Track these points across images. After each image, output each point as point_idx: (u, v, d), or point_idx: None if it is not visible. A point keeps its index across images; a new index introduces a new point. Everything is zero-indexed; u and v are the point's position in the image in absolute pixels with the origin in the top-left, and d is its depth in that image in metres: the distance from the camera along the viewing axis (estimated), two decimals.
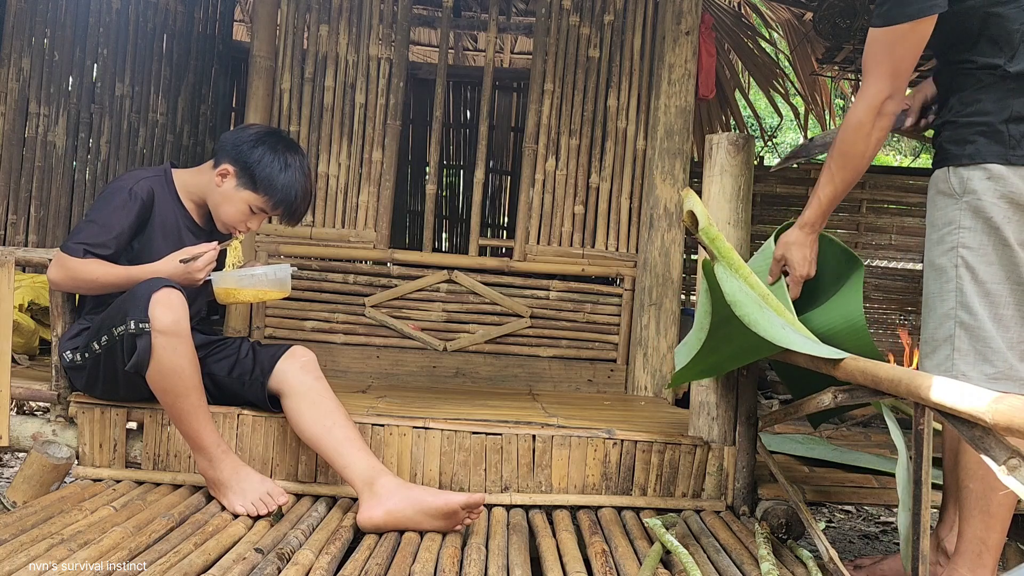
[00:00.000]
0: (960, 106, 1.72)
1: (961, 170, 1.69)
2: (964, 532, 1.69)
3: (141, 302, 1.85)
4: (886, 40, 1.67)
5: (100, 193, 2.07)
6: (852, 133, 1.75)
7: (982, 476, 1.64)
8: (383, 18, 3.44)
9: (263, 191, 2.06)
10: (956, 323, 1.68)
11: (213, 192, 2.11)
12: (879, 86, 1.70)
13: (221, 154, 2.10)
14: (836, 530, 3.20)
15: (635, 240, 3.43)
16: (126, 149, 3.75)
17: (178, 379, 1.87)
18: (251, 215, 2.10)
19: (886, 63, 1.68)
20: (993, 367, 1.66)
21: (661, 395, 3.27)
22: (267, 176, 2.05)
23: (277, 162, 2.06)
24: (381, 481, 1.86)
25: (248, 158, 2.06)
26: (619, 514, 2.05)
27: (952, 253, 1.69)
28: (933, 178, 1.76)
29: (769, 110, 7.43)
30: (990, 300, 1.66)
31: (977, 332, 1.66)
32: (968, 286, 1.67)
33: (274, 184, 2.06)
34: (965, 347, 1.67)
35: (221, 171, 2.08)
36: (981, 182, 1.66)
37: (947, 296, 1.69)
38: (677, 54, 3.31)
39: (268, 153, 2.06)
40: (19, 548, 1.50)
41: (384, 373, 3.36)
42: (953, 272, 1.68)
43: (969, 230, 1.67)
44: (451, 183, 5.63)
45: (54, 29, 3.43)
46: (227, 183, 2.08)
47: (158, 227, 2.10)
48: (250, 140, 2.08)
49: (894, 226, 4.74)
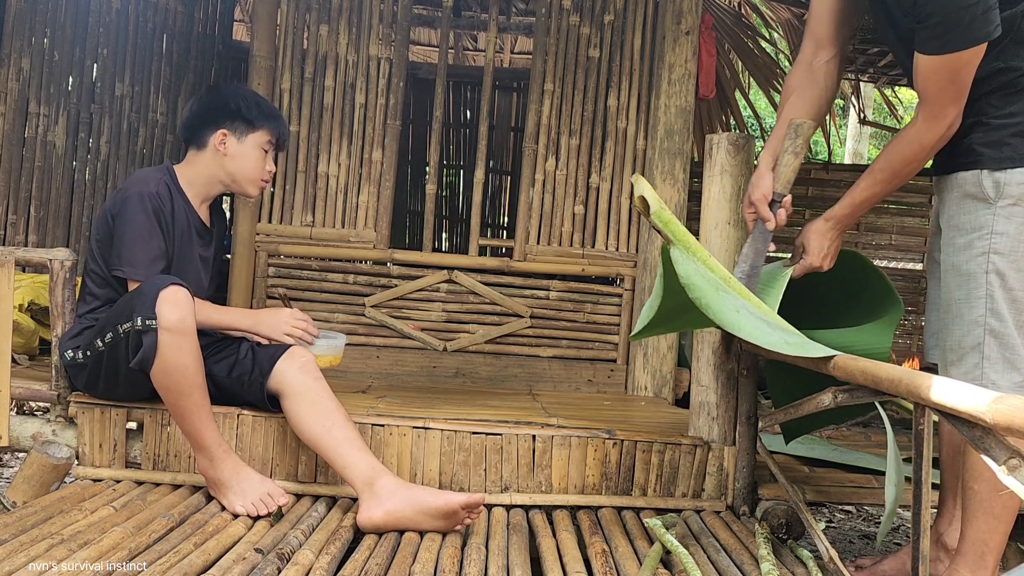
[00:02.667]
0: (991, 108, 1.68)
1: (997, 174, 1.65)
2: (967, 533, 1.69)
3: (148, 299, 1.86)
4: (949, 68, 1.61)
5: (116, 206, 2.07)
6: (913, 153, 1.71)
7: (987, 478, 1.62)
8: (383, 18, 3.44)
9: (263, 124, 2.17)
10: (986, 330, 1.64)
11: (223, 165, 2.17)
12: (946, 111, 1.66)
13: (201, 131, 2.17)
14: (836, 530, 3.20)
15: (635, 240, 3.43)
16: (126, 149, 3.74)
17: (182, 377, 1.87)
18: (265, 156, 2.20)
19: (950, 90, 1.64)
20: (1021, 375, 1.64)
21: (661, 395, 3.27)
22: (256, 112, 2.16)
23: (251, 99, 2.18)
24: (381, 481, 1.86)
25: (230, 110, 2.15)
26: (619, 514, 2.05)
27: (982, 259, 1.65)
28: (957, 179, 1.71)
29: (769, 110, 7.43)
30: (1016, 307, 1.64)
31: (1006, 339, 1.63)
32: (998, 292, 1.63)
33: (266, 114, 2.18)
34: (995, 355, 1.64)
35: (217, 140, 2.15)
36: (1018, 186, 1.63)
37: (976, 303, 1.66)
38: (677, 54, 3.31)
39: (240, 98, 2.17)
40: (19, 548, 1.50)
41: (384, 373, 3.36)
42: (983, 278, 1.65)
43: (1002, 235, 1.64)
44: (451, 183, 5.63)
45: (54, 29, 3.43)
46: (230, 144, 2.15)
47: (177, 230, 2.13)
48: (216, 100, 2.18)
49: (894, 226, 4.74)
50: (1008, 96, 1.67)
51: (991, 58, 1.66)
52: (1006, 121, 1.66)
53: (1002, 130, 1.66)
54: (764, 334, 1.61)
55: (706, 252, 1.73)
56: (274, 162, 2.24)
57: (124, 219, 2.04)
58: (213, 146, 2.13)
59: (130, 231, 2.03)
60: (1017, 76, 1.66)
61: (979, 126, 1.69)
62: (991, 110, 1.68)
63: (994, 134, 1.66)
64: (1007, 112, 1.66)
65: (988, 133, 1.67)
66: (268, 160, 2.21)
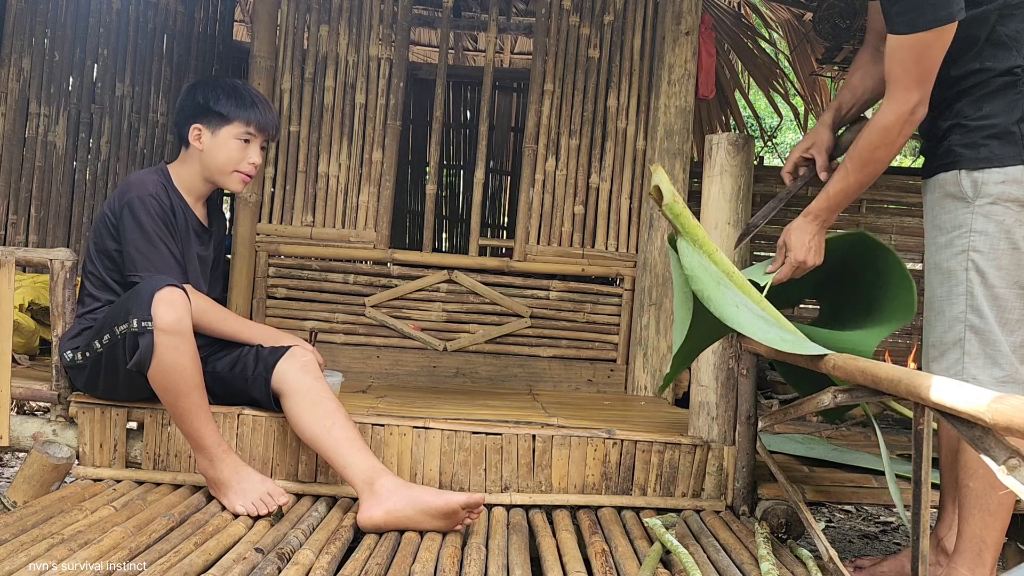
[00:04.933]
0: (970, 110, 1.70)
1: (975, 173, 1.68)
2: (964, 531, 1.70)
3: (144, 300, 1.86)
4: (913, 48, 1.64)
5: (116, 212, 2.07)
6: (878, 138, 1.73)
7: (982, 475, 1.64)
8: (383, 18, 3.44)
9: (235, 115, 2.13)
10: (966, 327, 1.67)
11: (203, 159, 2.16)
12: (909, 94, 1.67)
13: (182, 128, 2.17)
14: (836, 530, 3.20)
15: (635, 240, 3.43)
16: (126, 149, 3.75)
17: (180, 378, 1.87)
18: (245, 147, 2.15)
19: (914, 71, 1.66)
20: (1002, 370, 1.66)
21: (661, 395, 3.27)
22: (227, 104, 2.13)
23: (223, 91, 2.15)
24: (381, 481, 1.86)
25: (199, 104, 2.14)
26: (619, 514, 2.05)
27: (962, 256, 1.68)
28: (938, 180, 1.75)
29: (769, 110, 7.43)
30: (998, 304, 1.66)
31: (987, 335, 1.66)
32: (978, 289, 1.66)
33: (239, 104, 2.14)
34: (975, 350, 1.67)
35: (192, 135, 2.14)
36: (996, 185, 1.66)
37: (956, 299, 1.69)
38: (677, 54, 3.31)
39: (210, 91, 2.15)
40: (19, 548, 1.51)
41: (384, 373, 3.36)
42: (963, 276, 1.67)
43: (981, 234, 1.67)
44: (451, 183, 5.63)
45: (54, 29, 3.43)
46: (204, 138, 2.14)
47: (178, 229, 2.13)
48: (188, 96, 2.17)
49: (894, 226, 4.73)
50: (983, 97, 1.70)
51: (969, 59, 1.69)
52: (982, 123, 1.69)
53: (978, 132, 1.69)
54: (761, 331, 1.62)
55: (714, 246, 1.74)
56: (262, 152, 2.19)
57: (130, 226, 2.04)
58: (192, 142, 2.14)
59: (140, 237, 2.03)
60: (992, 77, 1.69)
61: (957, 128, 1.72)
62: (969, 111, 1.71)
63: (971, 135, 1.70)
64: (983, 114, 1.69)
65: (966, 135, 1.70)
66: (250, 151, 2.16)
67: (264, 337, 2.15)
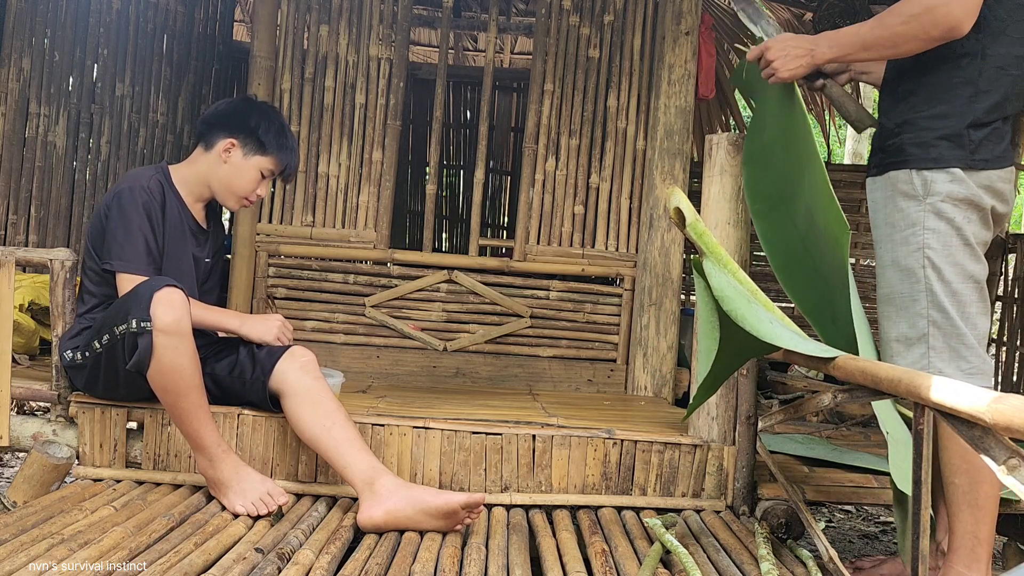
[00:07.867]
0: (924, 106, 1.73)
1: (925, 172, 1.71)
2: (955, 528, 1.71)
3: (143, 301, 1.86)
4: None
5: (108, 203, 2.07)
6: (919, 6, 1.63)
7: (966, 470, 1.67)
8: (383, 18, 3.44)
9: (273, 152, 2.15)
10: (929, 322, 1.71)
11: (218, 171, 2.15)
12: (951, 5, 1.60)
13: (214, 132, 2.15)
14: (836, 530, 3.20)
15: (635, 240, 3.43)
16: (126, 149, 3.74)
17: (179, 378, 1.87)
18: (262, 181, 2.18)
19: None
20: (968, 363, 1.70)
21: (661, 395, 3.27)
22: (272, 138, 2.14)
23: (274, 124, 2.16)
24: (381, 481, 1.86)
25: (248, 125, 2.13)
26: (619, 514, 2.05)
27: (918, 254, 1.72)
28: (891, 178, 1.77)
29: None
30: (957, 299, 1.70)
31: (950, 330, 1.70)
32: (937, 286, 1.70)
33: (281, 144, 2.15)
34: (940, 344, 1.71)
35: (225, 146, 2.13)
36: (944, 185, 1.69)
37: (918, 296, 1.73)
38: (677, 54, 3.31)
39: (264, 119, 2.15)
40: (19, 548, 1.51)
41: (384, 373, 3.36)
42: (921, 273, 1.72)
43: (933, 232, 1.71)
44: (451, 183, 5.63)
45: (54, 29, 3.43)
46: (234, 155, 2.14)
47: (169, 226, 2.12)
48: (241, 110, 2.16)
49: None
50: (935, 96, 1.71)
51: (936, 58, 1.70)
52: (933, 124, 1.71)
53: (929, 132, 1.71)
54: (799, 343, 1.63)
55: (735, 264, 1.75)
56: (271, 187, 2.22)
57: (114, 214, 2.05)
58: (219, 150, 2.13)
59: (119, 225, 2.03)
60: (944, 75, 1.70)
61: (908, 126, 1.75)
62: (923, 107, 1.73)
63: (923, 135, 1.72)
64: (936, 112, 1.71)
65: (917, 133, 1.73)
66: (263, 186, 2.20)
67: (229, 319, 2.14)
